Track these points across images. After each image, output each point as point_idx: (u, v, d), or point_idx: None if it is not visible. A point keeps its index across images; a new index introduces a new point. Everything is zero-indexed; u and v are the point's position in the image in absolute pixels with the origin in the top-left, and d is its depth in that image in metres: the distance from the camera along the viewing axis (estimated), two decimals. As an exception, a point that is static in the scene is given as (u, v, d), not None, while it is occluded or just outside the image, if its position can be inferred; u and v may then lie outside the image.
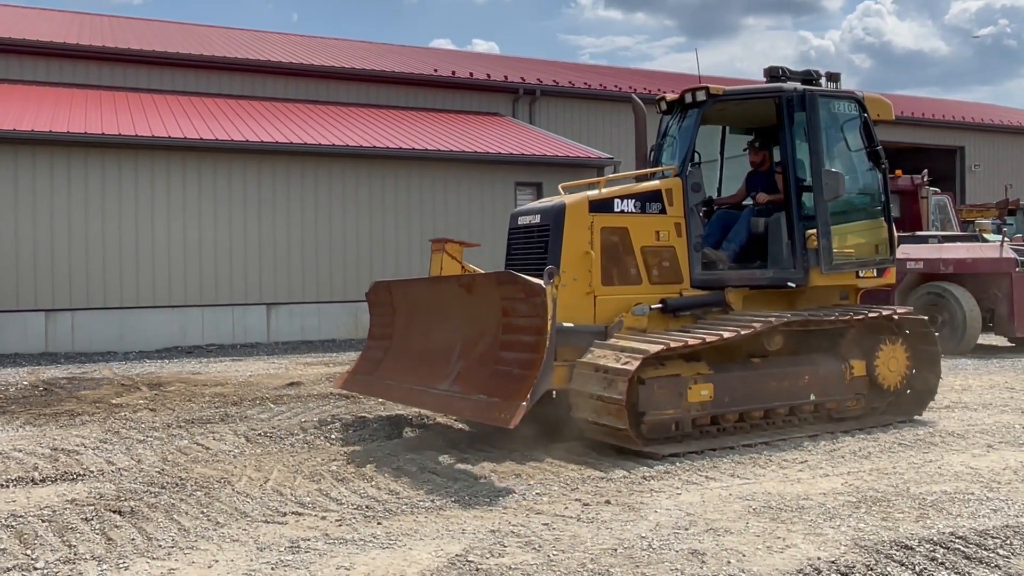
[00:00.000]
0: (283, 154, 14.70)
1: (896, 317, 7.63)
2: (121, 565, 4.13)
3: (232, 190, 14.41)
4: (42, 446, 6.71)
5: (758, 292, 7.59)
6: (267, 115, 16.77)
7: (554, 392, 6.84)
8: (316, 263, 14.97)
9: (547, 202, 7.32)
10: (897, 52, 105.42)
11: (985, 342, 13.56)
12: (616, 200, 7.11)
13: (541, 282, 5.88)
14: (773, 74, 16.36)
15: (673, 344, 6.32)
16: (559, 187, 7.65)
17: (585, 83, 22.38)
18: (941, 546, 4.31)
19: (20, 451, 6.53)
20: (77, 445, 6.72)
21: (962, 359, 11.93)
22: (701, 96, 7.56)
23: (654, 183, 7.41)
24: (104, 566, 4.12)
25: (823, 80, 16.93)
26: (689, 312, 7.24)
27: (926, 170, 15.44)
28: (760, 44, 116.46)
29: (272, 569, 4.08)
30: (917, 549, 4.27)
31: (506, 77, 21.43)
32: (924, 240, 13.55)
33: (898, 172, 14.87)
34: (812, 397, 7.11)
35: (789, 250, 7.52)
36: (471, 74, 21.13)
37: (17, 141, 12.94)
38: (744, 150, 8.64)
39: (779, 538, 4.47)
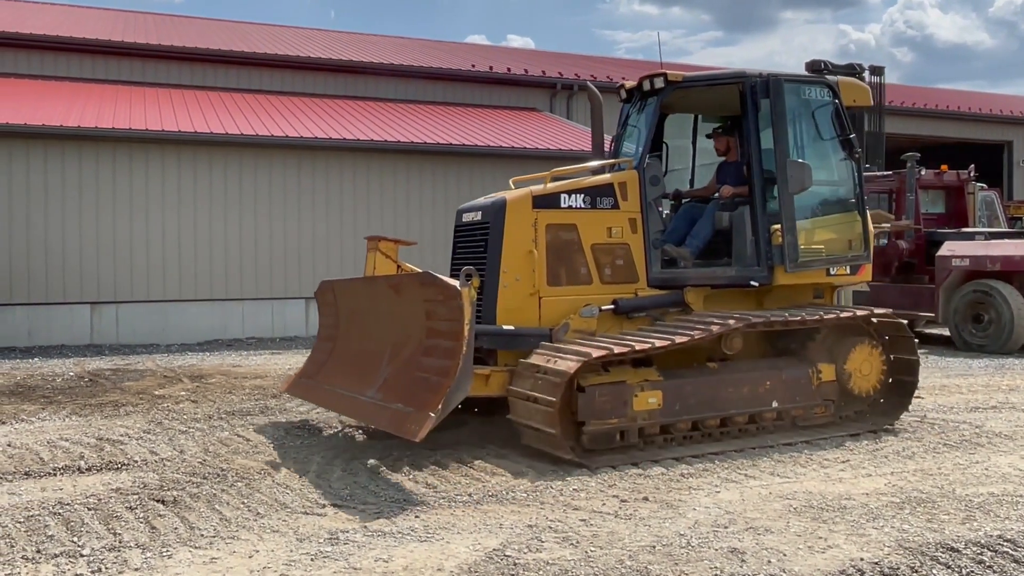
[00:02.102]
0: (322, 149, 14.81)
1: (873, 319, 7.10)
2: (164, 553, 4.20)
3: (272, 186, 14.56)
4: (88, 436, 6.84)
5: (722, 292, 7.15)
6: (308, 111, 16.92)
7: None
8: (355, 257, 15.05)
9: (490, 198, 6.91)
10: (940, 45, 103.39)
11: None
12: (563, 195, 6.70)
13: (457, 284, 5.52)
14: (814, 68, 16.06)
15: (617, 348, 5.89)
16: (510, 181, 7.30)
17: (623, 77, 22.23)
18: (988, 549, 4.21)
19: (67, 440, 6.67)
20: (121, 435, 6.85)
21: (1008, 358, 11.66)
22: (659, 83, 7.10)
23: (605, 176, 6.95)
24: (148, 554, 4.19)
25: (867, 74, 16.59)
26: (645, 313, 6.86)
27: (972, 165, 15.08)
28: (799, 38, 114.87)
29: (312, 560, 4.12)
30: (963, 552, 4.18)
31: (543, 72, 21.37)
32: (970, 237, 13.25)
33: (944, 167, 14.55)
34: (775, 404, 6.63)
35: (753, 246, 7.07)
36: (508, 69, 21.11)
37: (65, 137, 13.21)
38: (707, 137, 8.17)
39: (821, 538, 4.41)
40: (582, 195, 6.76)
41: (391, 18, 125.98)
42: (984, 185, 15.67)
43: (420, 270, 6.85)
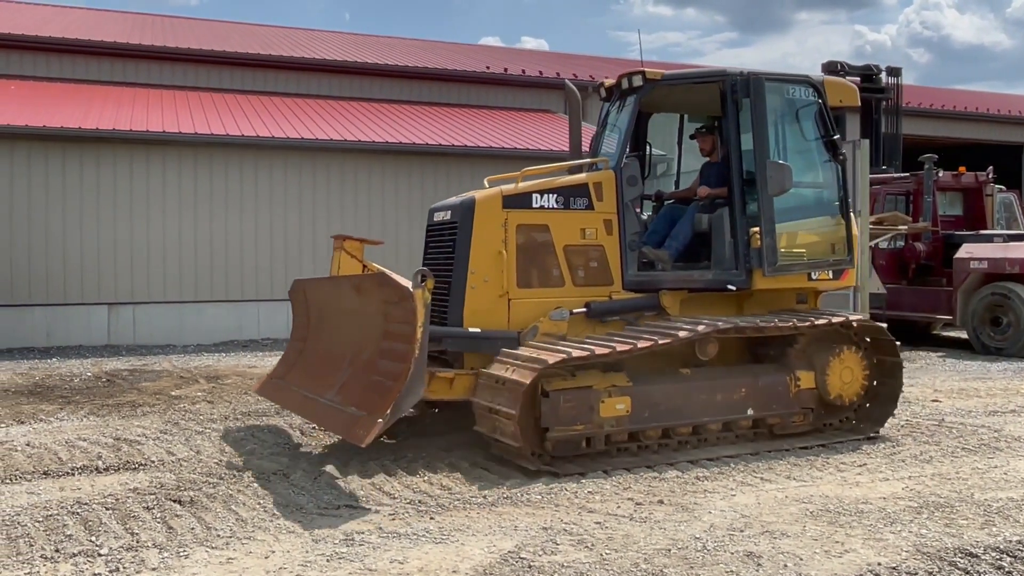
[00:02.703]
0: (339, 151, 14.86)
1: (853, 324, 6.88)
2: (181, 553, 4.23)
3: (288, 187, 14.62)
4: (105, 436, 6.89)
5: (701, 296, 6.98)
6: (323, 113, 16.98)
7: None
8: (370, 258, 15.10)
9: (461, 197, 6.75)
10: (957, 46, 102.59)
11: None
12: (535, 195, 6.54)
13: (409, 285, 5.44)
14: (831, 69, 15.96)
15: (576, 353, 5.75)
16: (485, 180, 7.12)
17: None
18: (1008, 554, 4.18)
19: (85, 440, 6.72)
20: (139, 435, 6.89)
21: (1028, 362, 11.55)
22: (637, 81, 6.91)
23: (580, 176, 6.78)
24: (165, 554, 4.22)
25: (883, 75, 16.47)
26: (618, 317, 6.67)
27: (991, 167, 14.96)
28: (813, 39, 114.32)
29: (327, 561, 4.13)
30: (982, 557, 4.14)
31: (557, 74, 21.35)
32: (989, 239, 13.13)
33: (961, 169, 14.44)
34: (750, 412, 6.44)
35: (732, 249, 6.90)
36: (523, 71, 21.12)
37: (83, 140, 13.31)
38: (691, 137, 8.03)
39: (837, 542, 4.38)
40: (555, 195, 6.60)
41: (404, 20, 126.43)
42: (1003, 187, 15.55)
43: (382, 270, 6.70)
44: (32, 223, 13.13)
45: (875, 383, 6.97)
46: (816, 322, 6.65)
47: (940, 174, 13.78)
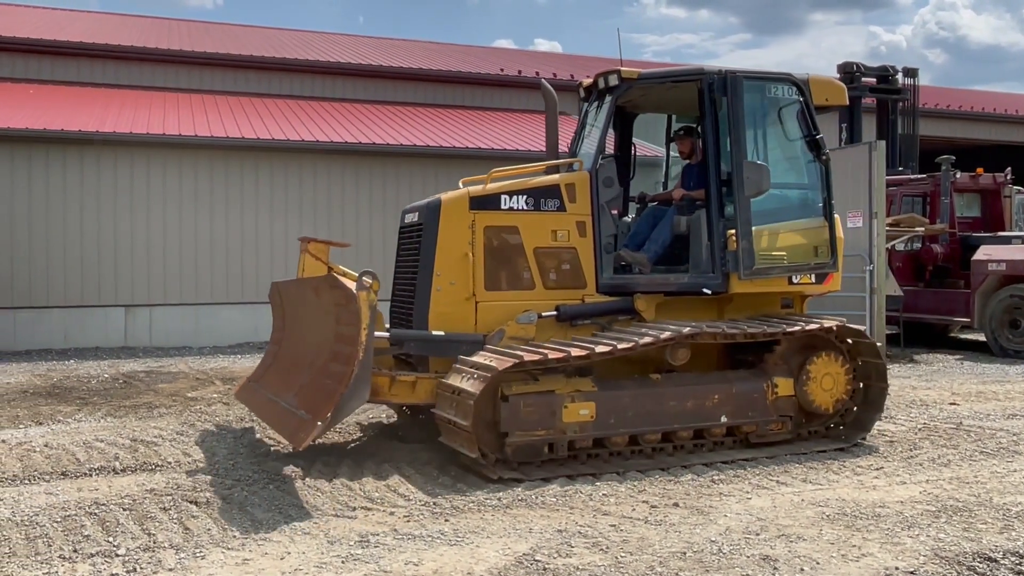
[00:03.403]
0: (354, 154, 14.91)
1: (834, 329, 6.61)
2: (198, 554, 4.25)
3: (303, 189, 14.68)
4: (122, 437, 6.94)
5: (679, 299, 6.80)
6: (339, 116, 17.05)
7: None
8: (384, 260, 15.15)
9: (429, 199, 6.68)
10: (973, 47, 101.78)
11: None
12: (503, 196, 6.43)
13: (353, 288, 5.43)
14: (847, 70, 15.80)
15: (528, 357, 5.63)
16: (460, 181, 6.99)
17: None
18: (1028, 559, 4.13)
19: (102, 441, 6.77)
20: (155, 437, 6.93)
21: (1047, 365, 11.44)
22: (613, 80, 6.77)
23: (552, 177, 6.65)
24: (182, 554, 4.24)
25: (900, 76, 16.30)
26: (590, 321, 6.54)
27: (1009, 168, 14.84)
28: (828, 40, 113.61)
29: (342, 562, 4.14)
30: (1001, 562, 4.11)
31: (572, 76, 21.32)
32: (1007, 241, 13.02)
33: (979, 170, 14.33)
34: (724, 419, 6.24)
35: (708, 252, 6.73)
36: (537, 73, 21.11)
37: (100, 143, 13.42)
38: (671, 140, 7.90)
39: (854, 546, 4.35)
40: (525, 196, 6.47)
41: (418, 24, 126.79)
42: (1021, 188, 15.40)
43: (333, 272, 6.76)
44: (51, 226, 13.25)
45: (859, 390, 6.74)
46: (789, 328, 6.42)
47: (958, 175, 13.69)
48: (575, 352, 5.76)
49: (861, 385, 6.77)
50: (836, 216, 7.11)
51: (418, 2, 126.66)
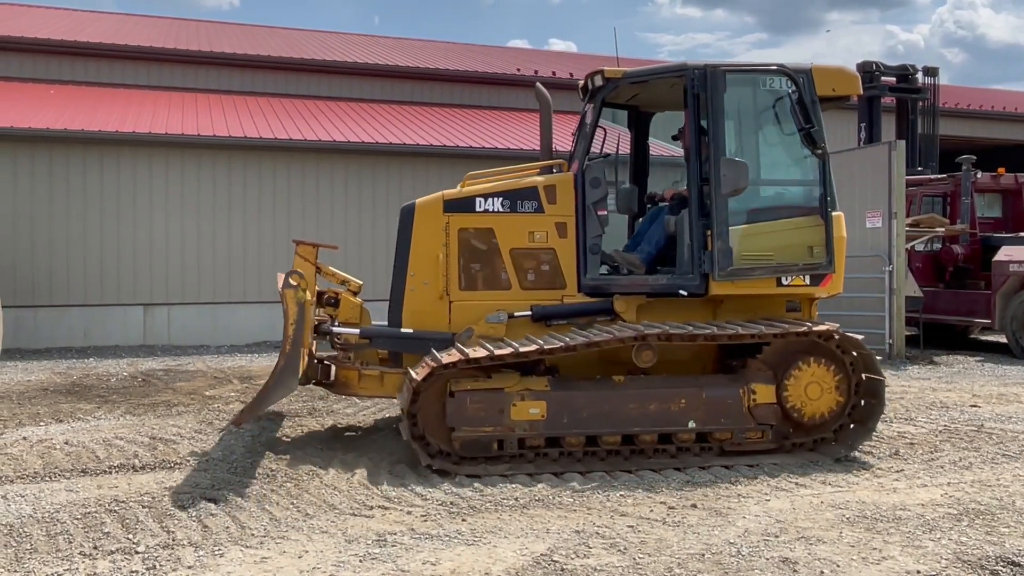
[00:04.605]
0: (370, 154, 14.95)
1: (822, 335, 6.20)
2: (217, 552, 4.27)
3: (320, 189, 14.73)
4: (141, 435, 6.98)
5: (667, 302, 6.60)
6: (355, 115, 17.10)
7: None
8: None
9: (409, 201, 6.84)
10: (992, 45, 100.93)
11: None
12: (478, 199, 6.52)
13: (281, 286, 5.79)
14: (866, 69, 15.66)
15: (472, 354, 5.71)
16: (465, 177, 6.94)
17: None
18: (1052, 564, 4.08)
19: (121, 439, 6.81)
20: (174, 435, 6.97)
21: (1070, 367, 11.30)
22: (599, 80, 6.72)
23: (530, 180, 6.67)
24: (201, 552, 4.26)
25: (920, 75, 16.15)
26: (566, 321, 6.48)
27: (1031, 168, 14.71)
28: (844, 39, 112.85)
29: (360, 561, 4.15)
30: (1025, 566, 4.06)
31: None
32: (1029, 241, 12.89)
33: (1000, 170, 14.19)
34: (691, 424, 6.01)
35: (690, 252, 6.53)
36: (553, 73, 21.11)
37: (120, 143, 13.52)
38: (673, 138, 7.80)
39: (875, 549, 4.31)
40: (500, 199, 6.55)
41: (433, 24, 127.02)
42: (1043, 188, 15.24)
43: (326, 274, 7.07)
44: (71, 225, 13.36)
45: (851, 400, 6.30)
46: (768, 330, 6.10)
47: (978, 175, 13.55)
48: (523, 349, 5.80)
49: (856, 397, 6.33)
50: (839, 214, 6.67)
51: (433, 3, 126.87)
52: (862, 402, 6.33)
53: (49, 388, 9.42)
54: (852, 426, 6.35)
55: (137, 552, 4.25)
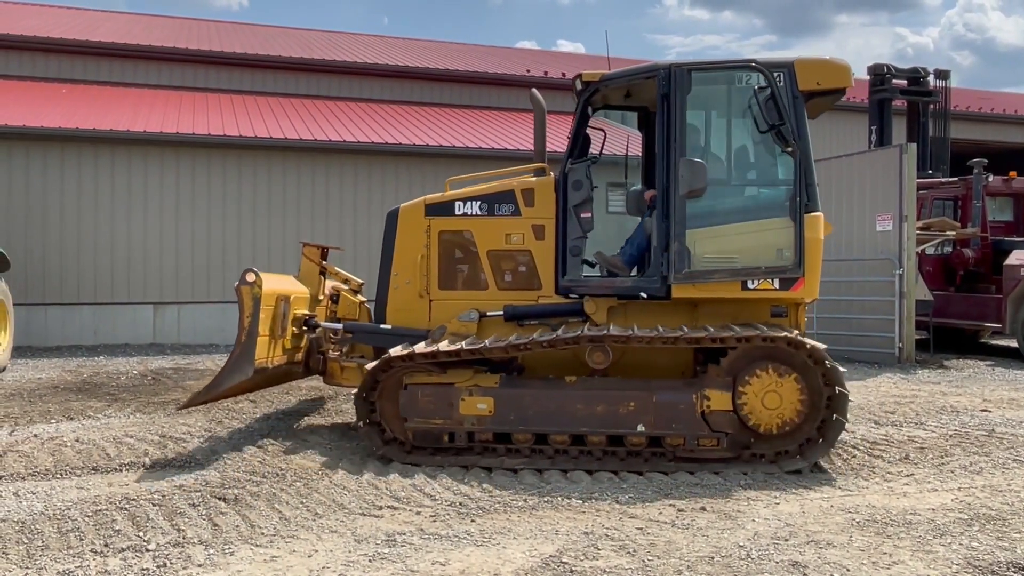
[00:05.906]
0: (379, 154, 15.00)
1: (794, 343, 5.89)
2: (227, 550, 4.28)
3: (330, 188, 14.78)
4: (151, 433, 7.01)
5: (643, 305, 6.54)
6: (366, 116, 17.14)
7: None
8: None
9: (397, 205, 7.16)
10: (1002, 48, 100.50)
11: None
12: (457, 203, 6.78)
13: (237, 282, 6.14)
14: (877, 71, 15.59)
15: (420, 350, 5.99)
16: (447, 181, 7.17)
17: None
18: (1064, 570, 4.06)
19: (131, 437, 6.84)
20: (184, 433, 7.00)
21: (1081, 372, 11.24)
22: (578, 84, 6.73)
23: (506, 183, 6.81)
24: (211, 551, 4.27)
25: (931, 78, 16.08)
26: (538, 321, 6.57)
27: (1043, 172, 14.62)
28: (854, 42, 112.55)
29: (369, 561, 4.15)
30: (1037, 572, 4.03)
31: (598, 77, 21.31)
32: (1040, 246, 12.82)
33: (1012, 174, 14.13)
34: (640, 428, 5.90)
35: (656, 255, 6.42)
36: (563, 74, 21.10)
37: (131, 142, 13.60)
38: None
39: (885, 554, 4.30)
40: (478, 202, 6.79)
41: (441, 25, 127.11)
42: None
43: (331, 273, 7.51)
44: (82, 224, 13.44)
45: (819, 413, 5.94)
46: (720, 334, 5.90)
47: (990, 179, 13.49)
48: (468, 347, 6.01)
49: (828, 411, 5.93)
50: (817, 215, 6.29)
51: (441, 3, 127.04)
52: (833, 416, 5.90)
53: (60, 386, 9.47)
54: (820, 440, 5.95)
55: (148, 550, 4.27)
